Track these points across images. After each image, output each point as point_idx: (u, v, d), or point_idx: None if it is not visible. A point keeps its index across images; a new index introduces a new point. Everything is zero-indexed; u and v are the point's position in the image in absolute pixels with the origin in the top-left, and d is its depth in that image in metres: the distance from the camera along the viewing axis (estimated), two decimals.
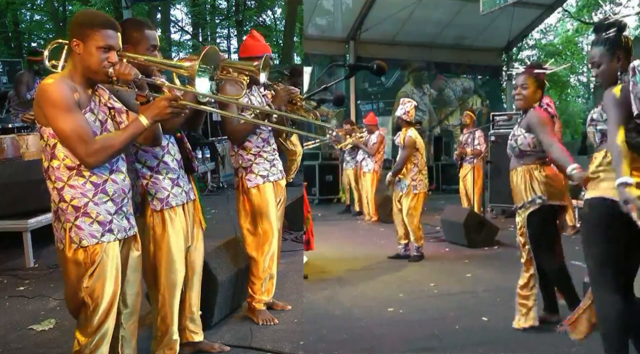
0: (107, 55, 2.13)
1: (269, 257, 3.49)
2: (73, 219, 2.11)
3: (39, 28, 20.84)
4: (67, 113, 2.04)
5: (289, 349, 3.14)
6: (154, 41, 2.66)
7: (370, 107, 12.65)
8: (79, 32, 2.13)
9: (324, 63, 11.39)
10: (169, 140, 2.79)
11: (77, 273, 2.13)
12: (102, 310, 2.15)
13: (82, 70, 2.15)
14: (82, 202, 2.11)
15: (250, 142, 3.46)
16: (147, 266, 2.77)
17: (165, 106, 2.18)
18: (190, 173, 2.92)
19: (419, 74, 12.63)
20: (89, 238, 2.12)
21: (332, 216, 8.58)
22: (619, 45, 2.52)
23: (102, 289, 2.14)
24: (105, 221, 2.16)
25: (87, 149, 2.06)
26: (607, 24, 2.56)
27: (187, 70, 2.29)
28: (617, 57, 2.52)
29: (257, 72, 3.01)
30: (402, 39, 11.69)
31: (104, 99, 2.26)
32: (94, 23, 2.13)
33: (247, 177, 3.44)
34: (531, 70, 3.31)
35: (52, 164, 2.11)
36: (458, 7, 10.99)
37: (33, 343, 3.34)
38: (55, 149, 2.09)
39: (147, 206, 2.72)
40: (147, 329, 2.94)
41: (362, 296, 4.23)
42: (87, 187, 2.12)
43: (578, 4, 19.58)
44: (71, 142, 2.06)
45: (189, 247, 2.88)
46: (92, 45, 2.11)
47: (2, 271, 4.86)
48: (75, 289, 2.15)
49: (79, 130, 2.06)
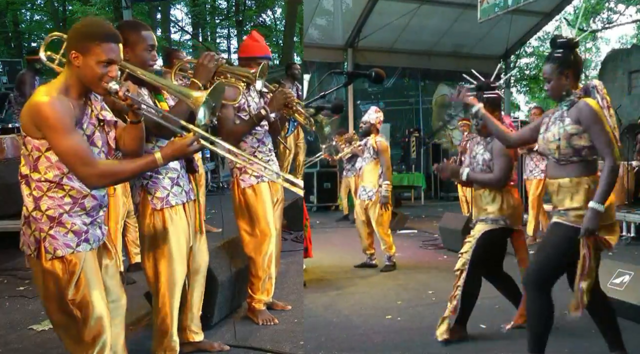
0: (107, 70, 2.06)
1: (267, 257, 3.49)
2: (47, 228, 2.07)
3: (39, 28, 20.81)
4: (66, 135, 1.99)
5: (289, 349, 3.14)
6: (151, 41, 2.66)
7: None
8: (79, 45, 2.04)
9: (322, 70, 11.41)
10: (170, 141, 2.78)
11: (56, 285, 2.07)
12: (94, 322, 2.11)
13: (78, 83, 2.08)
14: (56, 213, 2.07)
15: (245, 142, 3.46)
16: (148, 265, 2.77)
17: (186, 149, 2.20)
18: (191, 173, 2.92)
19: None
20: (63, 248, 2.07)
21: (330, 223, 8.56)
22: (568, 64, 2.66)
23: (88, 300, 2.10)
24: (81, 231, 2.11)
25: (90, 171, 2.04)
26: (560, 42, 2.69)
27: (193, 101, 2.30)
28: (565, 75, 2.66)
29: (253, 80, 3.03)
30: (400, 46, 11.73)
31: (95, 110, 2.19)
32: (95, 36, 2.04)
33: (242, 177, 3.44)
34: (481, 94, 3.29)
35: (33, 175, 2.07)
36: (456, 15, 11.00)
37: (33, 343, 3.35)
38: (38, 162, 2.05)
39: (147, 205, 2.72)
40: (147, 329, 2.94)
41: (360, 303, 4.23)
42: (65, 200, 2.09)
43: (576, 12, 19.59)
44: (71, 164, 2.04)
45: (191, 247, 2.89)
46: (92, 60, 2.04)
47: (2, 271, 4.87)
48: (57, 302, 2.09)
49: (79, 152, 2.02)
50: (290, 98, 3.47)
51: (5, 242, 5.24)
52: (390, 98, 13.05)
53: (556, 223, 2.72)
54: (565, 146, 2.61)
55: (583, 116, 2.57)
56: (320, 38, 11.86)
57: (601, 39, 23.72)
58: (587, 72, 24.21)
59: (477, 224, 3.34)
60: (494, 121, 3.04)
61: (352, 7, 11.39)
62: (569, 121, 2.61)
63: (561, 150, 2.63)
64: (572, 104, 2.64)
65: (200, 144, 2.23)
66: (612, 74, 12.07)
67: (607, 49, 20.37)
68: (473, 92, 3.32)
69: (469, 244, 3.31)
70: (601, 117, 2.56)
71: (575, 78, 2.68)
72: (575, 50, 2.69)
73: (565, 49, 2.67)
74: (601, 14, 19.61)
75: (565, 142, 2.61)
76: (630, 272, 3.72)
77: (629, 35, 22.73)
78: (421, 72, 12.78)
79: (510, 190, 3.33)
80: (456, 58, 12.13)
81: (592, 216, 2.53)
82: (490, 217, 3.27)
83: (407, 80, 13.03)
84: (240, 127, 3.41)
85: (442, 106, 12.79)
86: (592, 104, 2.58)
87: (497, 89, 3.35)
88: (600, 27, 20.36)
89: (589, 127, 2.57)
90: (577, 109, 2.60)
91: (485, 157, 3.32)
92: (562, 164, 2.66)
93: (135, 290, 3.77)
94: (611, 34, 26.97)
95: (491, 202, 3.29)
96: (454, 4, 10.70)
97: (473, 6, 9.08)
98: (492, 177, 3.29)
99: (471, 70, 3.46)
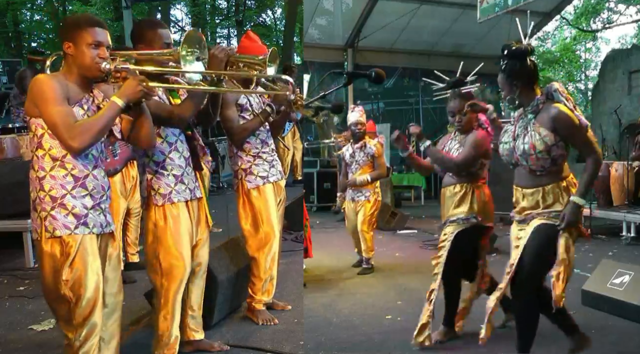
0: (97, 51, 2.22)
1: (270, 258, 3.49)
2: (49, 208, 2.15)
3: (39, 28, 20.81)
4: (56, 104, 2.12)
5: (289, 349, 3.14)
6: (167, 39, 2.71)
7: (370, 108, 12.66)
8: (69, 35, 2.23)
9: (322, 70, 11.41)
10: (177, 137, 2.80)
11: (52, 265, 2.16)
12: (85, 303, 2.17)
13: (76, 70, 2.24)
14: (59, 194, 2.16)
15: (249, 143, 3.47)
16: (150, 262, 2.78)
17: (135, 85, 2.24)
18: (197, 171, 2.91)
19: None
20: (62, 228, 2.15)
21: (330, 223, 8.55)
22: (517, 75, 2.62)
23: (82, 282, 2.16)
24: (81, 214, 2.19)
25: (70, 133, 2.12)
26: (511, 51, 2.64)
27: (172, 55, 2.43)
28: (520, 82, 2.63)
29: (264, 66, 3.01)
30: (400, 46, 11.73)
31: (97, 100, 2.32)
32: (81, 23, 2.24)
33: (247, 178, 3.44)
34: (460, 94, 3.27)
35: (37, 153, 2.17)
36: (456, 15, 11.00)
37: (33, 343, 3.35)
38: (42, 139, 2.16)
39: (150, 201, 2.74)
40: (147, 329, 2.94)
41: (360, 303, 4.22)
42: (68, 179, 2.17)
43: (576, 11, 19.60)
44: (57, 129, 2.13)
45: (194, 246, 2.89)
46: (82, 44, 2.21)
47: (2, 271, 4.86)
48: (52, 281, 2.17)
49: (64, 118, 2.13)
50: (295, 94, 3.48)
51: (5, 242, 5.25)
52: (390, 98, 13.05)
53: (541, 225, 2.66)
54: (545, 156, 2.60)
55: (560, 125, 2.55)
56: (320, 38, 11.87)
57: (601, 39, 23.74)
58: (587, 72, 24.22)
59: (448, 226, 3.27)
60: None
61: (352, 7, 11.39)
62: (545, 132, 2.57)
63: (539, 161, 2.61)
64: (537, 110, 2.62)
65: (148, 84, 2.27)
66: (612, 74, 12.05)
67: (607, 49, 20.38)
68: (443, 92, 3.33)
69: (442, 248, 3.24)
70: (575, 121, 2.55)
71: (530, 85, 2.64)
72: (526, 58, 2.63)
73: (518, 57, 2.62)
74: (601, 14, 19.60)
75: (545, 154, 2.59)
76: (630, 272, 3.71)
77: (629, 35, 22.73)
78: (421, 72, 12.78)
79: (481, 186, 3.30)
80: (456, 58, 12.10)
81: (573, 209, 2.54)
82: (461, 217, 3.23)
83: (407, 80, 13.03)
84: (247, 126, 3.41)
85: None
86: (564, 109, 2.56)
87: (471, 84, 3.31)
88: (600, 27, 20.37)
89: (568, 134, 2.56)
90: (550, 118, 2.57)
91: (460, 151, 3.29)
92: (538, 175, 2.66)
93: (135, 290, 3.77)
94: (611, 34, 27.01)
95: (461, 201, 3.24)
96: (454, 4, 10.70)
97: (473, 6, 9.09)
98: (449, 159, 3.23)
99: (434, 71, 3.49)
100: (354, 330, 3.63)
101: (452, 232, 3.23)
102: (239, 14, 21.06)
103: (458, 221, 3.23)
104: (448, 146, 3.40)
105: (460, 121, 3.28)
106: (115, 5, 15.33)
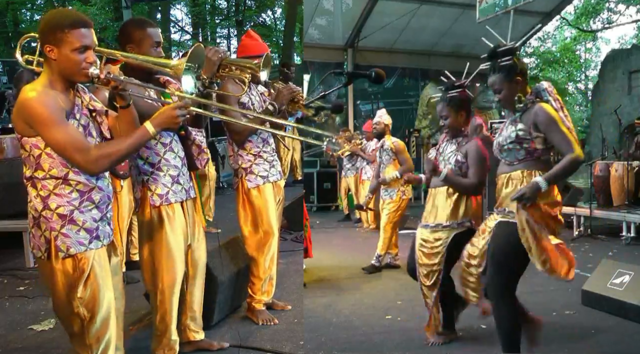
0: (84, 56, 2.04)
1: (269, 257, 3.49)
2: (58, 227, 2.04)
3: None
4: (57, 126, 1.98)
5: (289, 349, 3.14)
6: (157, 38, 2.67)
7: (370, 108, 12.66)
8: (50, 37, 2.02)
9: (322, 70, 11.42)
10: (172, 137, 2.79)
11: (66, 283, 2.07)
12: (99, 320, 2.11)
13: (60, 76, 2.06)
14: (67, 210, 2.05)
15: (250, 142, 3.46)
16: (145, 263, 2.77)
17: (174, 115, 2.17)
18: (192, 170, 2.91)
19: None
20: (77, 246, 2.06)
21: (330, 223, 8.56)
22: (516, 71, 2.68)
23: (96, 299, 2.10)
24: (92, 228, 2.11)
25: (86, 157, 2.02)
26: (501, 51, 2.71)
27: (173, 69, 2.29)
28: (515, 81, 2.67)
29: (257, 70, 3.02)
30: (400, 46, 11.77)
31: (85, 101, 2.18)
32: (64, 24, 2.01)
33: (248, 177, 3.44)
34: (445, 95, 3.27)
35: (37, 174, 2.04)
36: (455, 15, 11.02)
37: (33, 343, 3.35)
38: (40, 159, 2.03)
39: (146, 202, 2.72)
40: (147, 329, 2.94)
41: (360, 303, 4.22)
42: (74, 196, 2.06)
43: (576, 11, 19.61)
44: (68, 153, 2.01)
45: (190, 246, 2.89)
46: (66, 49, 2.01)
47: (2, 271, 4.86)
48: (66, 300, 2.08)
49: (73, 141, 2.00)
50: (296, 93, 3.48)
51: (5, 242, 5.25)
52: (390, 98, 13.04)
53: (501, 223, 2.69)
54: (516, 147, 2.63)
55: (539, 121, 2.58)
56: (320, 38, 11.89)
57: (601, 39, 23.77)
58: (587, 72, 24.21)
59: (441, 231, 3.25)
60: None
61: (352, 7, 11.40)
62: (521, 126, 2.62)
63: (513, 152, 2.65)
64: (525, 109, 2.65)
65: (188, 109, 2.24)
66: (612, 74, 12.07)
67: (607, 49, 20.40)
68: (438, 94, 3.34)
69: (439, 255, 3.22)
70: (556, 119, 2.57)
71: (520, 84, 2.68)
72: (516, 56, 2.70)
73: (510, 56, 2.68)
74: (601, 14, 19.62)
75: (516, 145, 2.62)
76: (630, 272, 3.71)
77: (629, 35, 22.77)
78: (421, 72, 12.79)
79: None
80: (456, 58, 12.13)
81: (532, 185, 2.52)
82: (457, 221, 3.23)
83: (407, 80, 13.04)
84: (249, 125, 3.41)
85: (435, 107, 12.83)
86: (547, 108, 2.60)
87: (464, 87, 3.29)
88: (600, 27, 20.38)
89: (546, 130, 2.58)
90: (532, 114, 2.61)
91: (459, 158, 3.26)
92: (514, 164, 2.68)
93: (136, 290, 3.77)
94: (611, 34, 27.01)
95: (453, 206, 3.24)
96: (454, 4, 10.72)
97: (473, 6, 9.09)
98: (468, 183, 3.24)
99: (438, 71, 3.49)
100: (354, 330, 3.63)
101: (447, 237, 3.22)
102: (239, 14, 21.07)
103: (452, 226, 3.23)
104: (443, 148, 3.39)
105: (445, 125, 3.30)
106: (115, 5, 15.32)
